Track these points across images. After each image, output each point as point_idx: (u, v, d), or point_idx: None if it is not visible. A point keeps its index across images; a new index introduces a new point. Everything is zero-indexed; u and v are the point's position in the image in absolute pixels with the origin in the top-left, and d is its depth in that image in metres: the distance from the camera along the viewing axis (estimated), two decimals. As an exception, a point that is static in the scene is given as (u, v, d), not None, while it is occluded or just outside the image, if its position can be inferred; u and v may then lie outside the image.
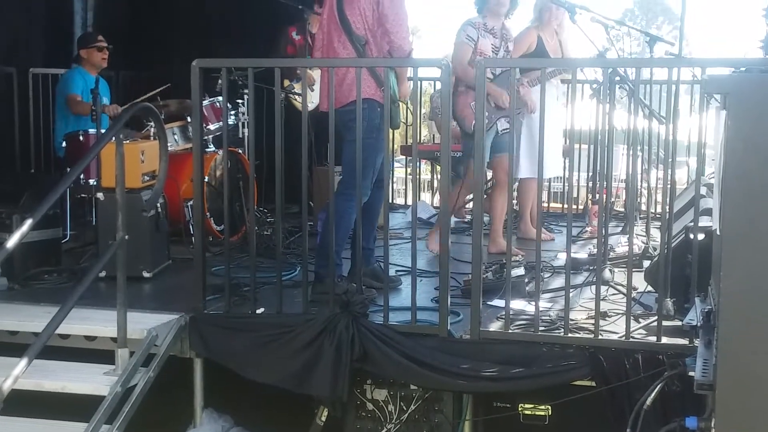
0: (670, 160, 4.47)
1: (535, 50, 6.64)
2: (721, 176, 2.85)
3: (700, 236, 4.15)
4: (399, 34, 5.01)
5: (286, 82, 7.22)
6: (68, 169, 6.20)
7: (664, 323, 4.21)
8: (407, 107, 7.74)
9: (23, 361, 3.59)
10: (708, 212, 4.54)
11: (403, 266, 5.77)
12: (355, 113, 4.72)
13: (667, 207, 4.42)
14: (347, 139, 4.81)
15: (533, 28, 6.74)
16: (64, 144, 6.57)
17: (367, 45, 5.01)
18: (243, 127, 7.16)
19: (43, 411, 4.15)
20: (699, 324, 3.29)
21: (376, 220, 5.37)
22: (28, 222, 3.75)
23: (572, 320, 4.41)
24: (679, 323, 4.24)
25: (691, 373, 3.24)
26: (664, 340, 4.17)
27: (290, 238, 6.62)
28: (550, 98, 6.35)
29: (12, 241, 3.65)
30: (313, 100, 7.08)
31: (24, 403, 3.91)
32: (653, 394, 3.71)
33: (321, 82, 5.14)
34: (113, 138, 4.29)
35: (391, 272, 5.17)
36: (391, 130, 5.05)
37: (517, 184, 7.02)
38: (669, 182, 4.42)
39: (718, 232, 2.92)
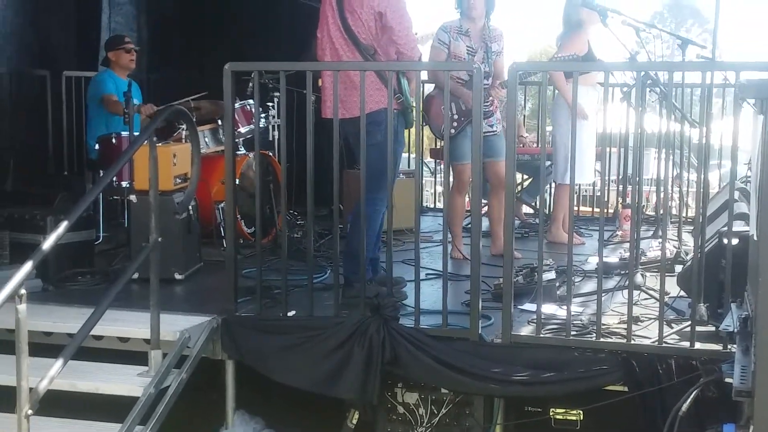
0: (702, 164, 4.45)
1: (587, 54, 6.58)
2: (759, 181, 2.83)
3: (734, 241, 4.12)
4: (407, 44, 5.01)
5: (321, 82, 7.23)
6: (101, 172, 6.28)
7: (697, 328, 4.18)
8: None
9: (59, 362, 3.62)
10: (741, 217, 4.52)
11: (432, 269, 5.76)
12: (371, 126, 4.73)
13: (701, 211, 4.39)
14: (367, 144, 4.67)
15: (583, 32, 6.67)
16: (96, 146, 6.62)
17: (376, 54, 5.03)
18: (273, 129, 7.19)
19: (77, 411, 4.18)
20: (736, 330, 3.27)
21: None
22: (64, 224, 3.77)
23: (604, 325, 4.39)
24: (713, 328, 4.22)
25: (727, 380, 3.23)
26: (698, 345, 4.14)
27: (320, 241, 6.64)
28: (594, 103, 6.33)
29: (48, 243, 3.69)
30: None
31: (59, 404, 3.95)
32: (689, 401, 3.68)
33: (323, 89, 5.11)
34: (146, 141, 4.32)
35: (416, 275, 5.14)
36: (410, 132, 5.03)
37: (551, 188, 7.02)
38: (702, 186, 4.40)
39: (755, 238, 2.90)
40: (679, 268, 5.29)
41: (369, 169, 4.63)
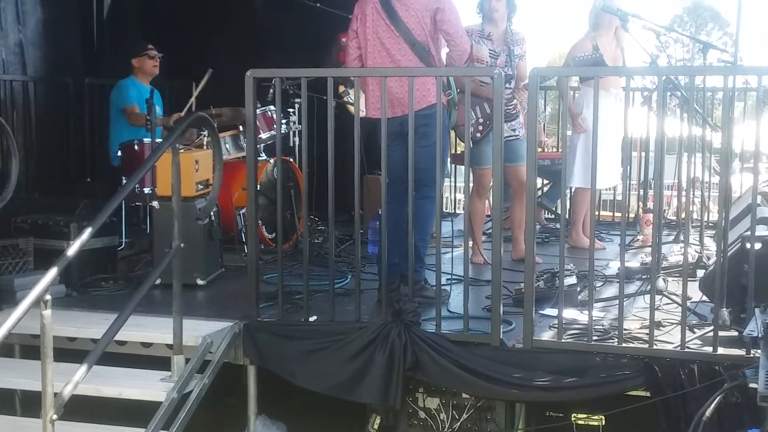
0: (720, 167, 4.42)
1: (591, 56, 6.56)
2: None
3: (757, 245, 4.10)
4: (462, 38, 5.09)
5: (341, 88, 7.25)
6: (123, 178, 6.32)
7: (720, 333, 4.16)
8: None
9: (83, 367, 3.65)
10: (764, 221, 4.49)
11: (453, 275, 5.75)
12: (428, 119, 4.79)
13: (723, 215, 4.37)
14: (420, 145, 4.73)
15: (587, 39, 6.67)
16: (119, 153, 6.65)
17: (429, 51, 5.04)
18: (294, 135, 7.21)
19: (101, 416, 4.21)
20: (760, 335, 3.25)
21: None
22: (88, 230, 3.80)
23: (626, 330, 4.38)
24: (736, 334, 4.20)
25: (752, 385, 3.21)
26: (720, 350, 4.13)
27: (340, 246, 6.65)
28: (609, 107, 6.30)
29: (72, 249, 3.71)
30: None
31: (83, 408, 3.98)
32: (713, 406, 3.67)
33: (368, 90, 5.13)
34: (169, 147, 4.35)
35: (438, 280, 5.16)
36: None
37: (570, 192, 6.99)
38: (724, 190, 4.37)
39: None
40: (701, 272, 5.27)
41: (424, 169, 4.67)
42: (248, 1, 9.09)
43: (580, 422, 4.41)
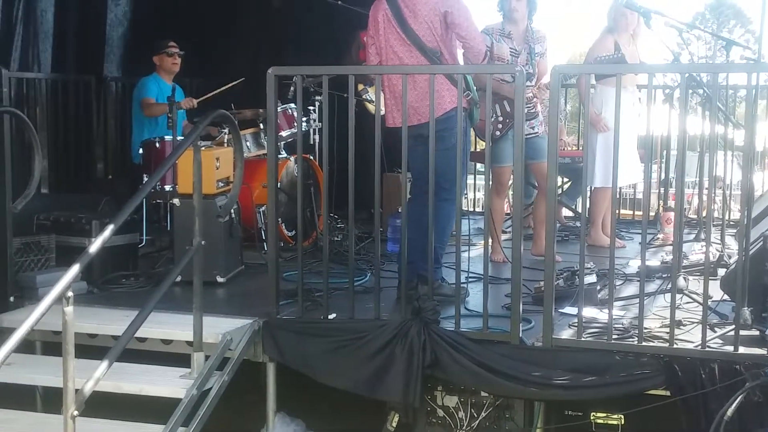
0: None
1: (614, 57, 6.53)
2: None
3: (780, 244, 4.08)
4: (475, 39, 5.05)
5: (360, 86, 7.26)
6: (145, 176, 6.36)
7: (741, 332, 4.14)
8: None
9: (104, 364, 3.67)
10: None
11: (473, 272, 5.74)
12: (448, 123, 4.81)
13: (745, 214, 4.34)
14: (441, 148, 4.72)
15: (609, 34, 6.65)
16: (140, 150, 6.69)
17: (442, 56, 5.02)
18: (314, 133, 7.22)
19: (121, 412, 4.23)
20: (782, 334, 3.24)
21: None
22: (110, 228, 3.82)
23: (646, 328, 4.36)
24: (757, 333, 4.18)
25: (773, 384, 3.19)
26: (742, 349, 4.10)
27: (360, 244, 6.66)
28: (626, 105, 6.27)
29: (95, 246, 3.73)
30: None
31: (103, 405, 4.00)
32: (735, 405, 3.65)
33: (384, 99, 5.12)
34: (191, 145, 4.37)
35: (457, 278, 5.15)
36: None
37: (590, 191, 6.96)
38: (746, 188, 4.34)
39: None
40: (722, 271, 5.24)
41: (445, 173, 4.68)
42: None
43: (599, 421, 4.39)
